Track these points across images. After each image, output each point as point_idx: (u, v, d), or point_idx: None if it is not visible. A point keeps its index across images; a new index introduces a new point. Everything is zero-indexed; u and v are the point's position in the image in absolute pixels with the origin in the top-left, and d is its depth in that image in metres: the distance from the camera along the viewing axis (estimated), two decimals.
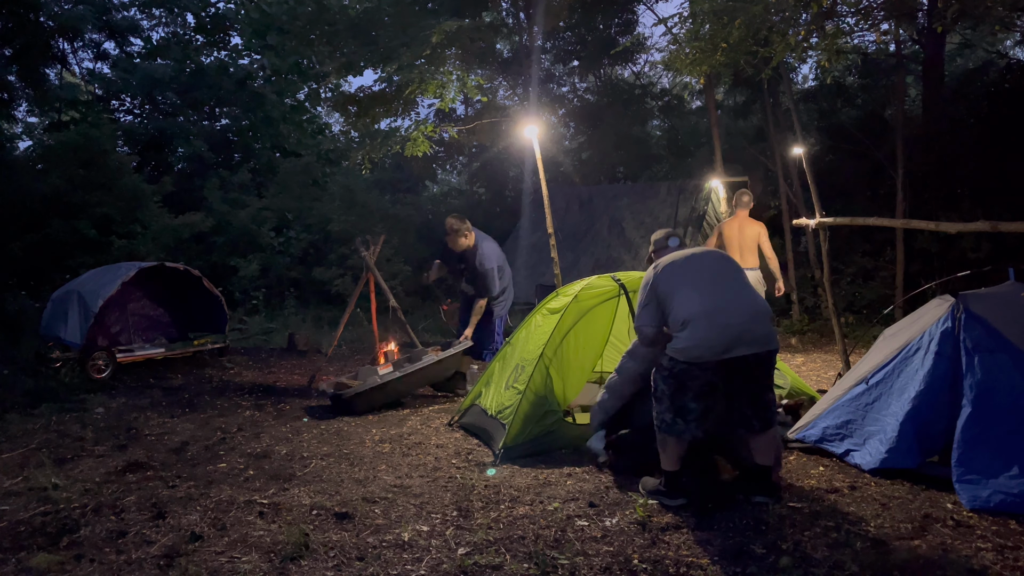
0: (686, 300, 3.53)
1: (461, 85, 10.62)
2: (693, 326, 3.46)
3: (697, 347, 3.45)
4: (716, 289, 3.60)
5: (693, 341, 3.45)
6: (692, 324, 3.46)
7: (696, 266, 3.70)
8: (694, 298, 3.53)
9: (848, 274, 10.53)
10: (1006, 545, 3.06)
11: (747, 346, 3.44)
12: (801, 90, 14.30)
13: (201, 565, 3.00)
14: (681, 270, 3.68)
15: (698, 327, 3.45)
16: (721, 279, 3.67)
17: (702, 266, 3.71)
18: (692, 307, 3.50)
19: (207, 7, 17.92)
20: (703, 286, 3.60)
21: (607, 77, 17.42)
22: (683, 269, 3.68)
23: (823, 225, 6.20)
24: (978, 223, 4.68)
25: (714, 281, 3.64)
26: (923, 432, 3.84)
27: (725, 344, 3.42)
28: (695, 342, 3.45)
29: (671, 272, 3.68)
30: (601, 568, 2.93)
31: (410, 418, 5.70)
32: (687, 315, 3.49)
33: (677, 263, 3.72)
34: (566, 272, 9.08)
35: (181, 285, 8.50)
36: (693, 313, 3.48)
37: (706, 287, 3.59)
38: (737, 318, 3.48)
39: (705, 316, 3.46)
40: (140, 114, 17.43)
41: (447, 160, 19.82)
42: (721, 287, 3.62)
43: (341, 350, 9.10)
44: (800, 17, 7.15)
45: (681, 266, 3.70)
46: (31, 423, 5.61)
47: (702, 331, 3.44)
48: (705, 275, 3.66)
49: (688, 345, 3.46)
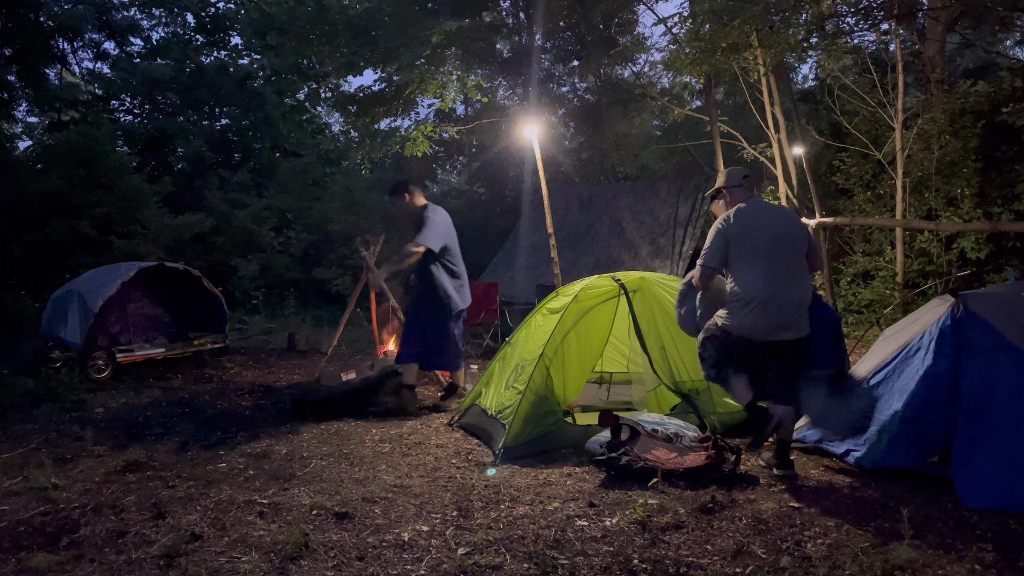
0: (750, 278, 3.80)
1: (461, 85, 10.63)
2: (750, 308, 3.78)
3: (751, 327, 3.80)
4: (778, 273, 3.81)
5: (748, 320, 3.79)
6: (750, 306, 3.78)
7: (767, 239, 3.85)
8: (758, 280, 3.79)
9: (848, 274, 10.53)
10: (1006, 545, 3.06)
11: (789, 333, 3.82)
12: (801, 90, 14.30)
13: (201, 565, 3.00)
14: (753, 238, 3.84)
15: (754, 311, 3.78)
16: (784, 261, 3.84)
17: (772, 239, 3.85)
18: (754, 289, 3.78)
19: (207, 7, 17.93)
20: (768, 267, 3.81)
21: (607, 77, 17.42)
22: (755, 237, 3.85)
23: (823, 225, 6.21)
24: (978, 223, 4.70)
25: (777, 262, 3.83)
26: (923, 432, 3.84)
27: (773, 330, 3.80)
28: (750, 322, 3.79)
29: (743, 233, 3.85)
30: (601, 568, 2.93)
31: (410, 418, 5.69)
32: (746, 294, 3.78)
33: (751, 224, 3.87)
34: (566, 272, 9.08)
35: (181, 285, 8.49)
36: (753, 296, 3.77)
37: (770, 269, 3.81)
38: (789, 309, 3.80)
39: (763, 303, 3.77)
40: (140, 114, 17.44)
41: (447, 160, 19.83)
42: (783, 272, 3.83)
43: (341, 350, 9.10)
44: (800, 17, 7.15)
45: (754, 231, 3.86)
46: (31, 423, 5.61)
47: (757, 315, 3.78)
48: (772, 254, 3.83)
49: (742, 323, 3.81)
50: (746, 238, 3.86)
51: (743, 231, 3.87)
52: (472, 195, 18.73)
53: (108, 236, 11.74)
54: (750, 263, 3.83)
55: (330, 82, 15.41)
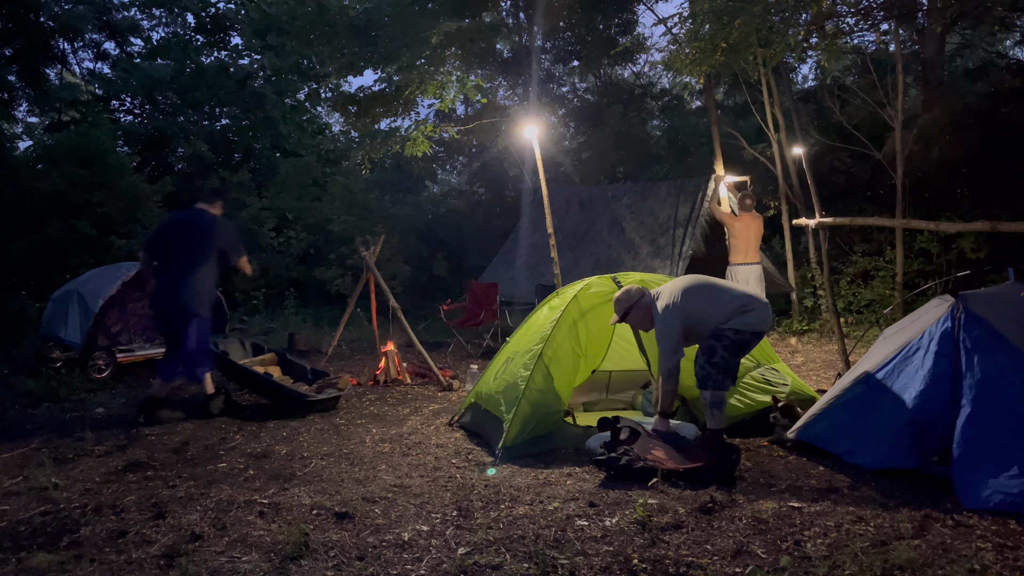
0: (729, 296, 4.42)
1: (461, 86, 10.63)
2: (755, 306, 4.35)
3: (762, 321, 4.37)
4: (735, 285, 4.74)
5: (759, 317, 4.34)
6: (753, 305, 4.35)
7: (702, 283, 4.52)
8: (734, 293, 4.47)
9: (848, 274, 10.53)
10: (1006, 545, 3.06)
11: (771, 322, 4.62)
12: (801, 90, 14.30)
13: (201, 565, 3.00)
14: (697, 290, 4.46)
15: (757, 307, 4.36)
16: (723, 283, 4.70)
17: (703, 282, 4.54)
18: (742, 296, 4.42)
19: (207, 7, 17.92)
20: (726, 287, 4.58)
21: (607, 77, 17.41)
22: (697, 289, 4.46)
23: (823, 225, 6.21)
24: (978, 223, 4.71)
25: (724, 284, 4.68)
26: (923, 432, 3.84)
27: (768, 319, 4.45)
28: (760, 318, 4.35)
29: (692, 296, 4.41)
30: (601, 568, 2.93)
31: (410, 418, 5.70)
32: (743, 302, 4.35)
33: (687, 291, 4.44)
34: (566, 272, 9.08)
35: None
36: (747, 298, 4.39)
37: (728, 287, 4.60)
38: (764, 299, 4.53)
39: (756, 299, 4.43)
40: (140, 114, 17.43)
41: (447, 160, 19.79)
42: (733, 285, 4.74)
43: (341, 350, 9.10)
44: (800, 17, 7.15)
45: (693, 290, 4.46)
46: (31, 423, 5.62)
47: (760, 309, 4.37)
48: (715, 284, 4.56)
49: (755, 320, 4.32)
50: (693, 293, 4.46)
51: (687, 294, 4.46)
52: (472, 195, 18.70)
53: (108, 236, 11.74)
54: (716, 295, 4.46)
55: (330, 82, 15.38)
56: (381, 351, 7.29)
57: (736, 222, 8.01)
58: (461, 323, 9.24)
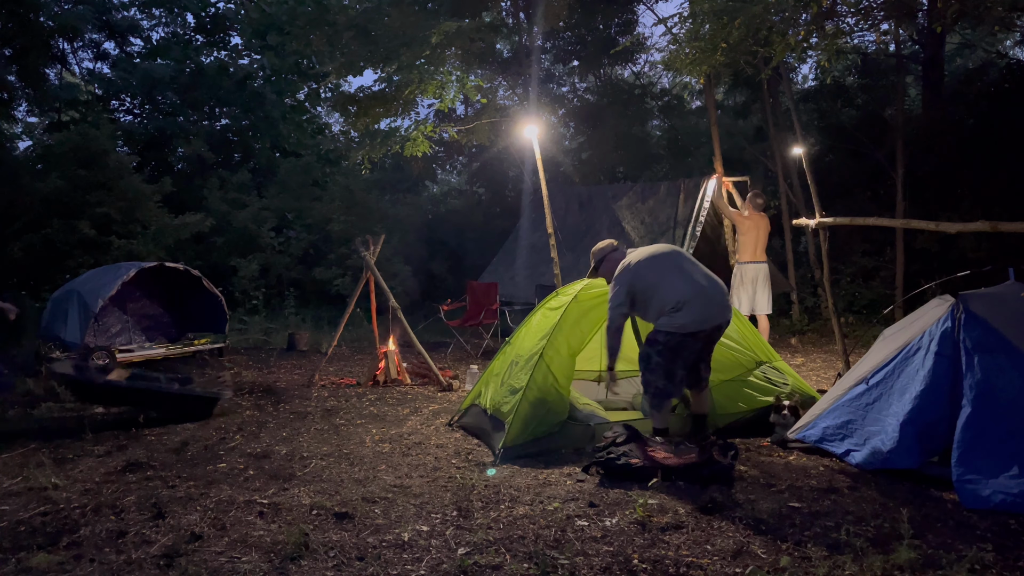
0: (674, 286, 4.27)
1: (461, 86, 10.62)
2: (689, 305, 4.20)
3: (694, 322, 4.21)
4: (694, 274, 4.38)
5: (691, 317, 4.21)
6: (688, 304, 4.20)
7: (668, 259, 4.44)
8: (680, 284, 4.29)
9: (848, 274, 10.53)
10: (1006, 545, 3.06)
11: (720, 316, 4.32)
12: (801, 90, 14.29)
13: (201, 565, 3.00)
14: (658, 264, 4.39)
15: (693, 306, 4.21)
16: (690, 266, 4.44)
17: (671, 258, 4.45)
18: (684, 291, 4.25)
19: (207, 7, 17.92)
20: (683, 274, 4.35)
21: (607, 77, 17.40)
22: (658, 263, 4.40)
23: (823, 225, 6.21)
24: (978, 223, 4.71)
25: (688, 269, 4.40)
26: (923, 432, 3.84)
27: (710, 316, 4.26)
28: (692, 318, 4.21)
29: (649, 266, 4.38)
30: (601, 568, 2.93)
31: (410, 418, 5.70)
32: (680, 297, 4.22)
33: (647, 260, 4.41)
34: (566, 272, 9.07)
35: (181, 285, 8.50)
36: (687, 295, 4.23)
37: (686, 274, 4.36)
38: (716, 295, 4.32)
39: (696, 296, 4.23)
40: (140, 114, 17.43)
41: (447, 160, 19.80)
42: (696, 272, 4.41)
43: (341, 350, 9.10)
44: (800, 17, 7.15)
45: (655, 261, 4.41)
46: (31, 423, 5.61)
47: (697, 308, 4.21)
48: (679, 265, 4.41)
49: (686, 321, 4.21)
50: (651, 267, 4.41)
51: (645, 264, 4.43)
52: (472, 195, 18.71)
53: (108, 236, 11.73)
54: (666, 278, 4.36)
55: (330, 82, 15.38)
56: (381, 351, 7.29)
57: (745, 221, 8.02)
58: (461, 323, 9.24)
